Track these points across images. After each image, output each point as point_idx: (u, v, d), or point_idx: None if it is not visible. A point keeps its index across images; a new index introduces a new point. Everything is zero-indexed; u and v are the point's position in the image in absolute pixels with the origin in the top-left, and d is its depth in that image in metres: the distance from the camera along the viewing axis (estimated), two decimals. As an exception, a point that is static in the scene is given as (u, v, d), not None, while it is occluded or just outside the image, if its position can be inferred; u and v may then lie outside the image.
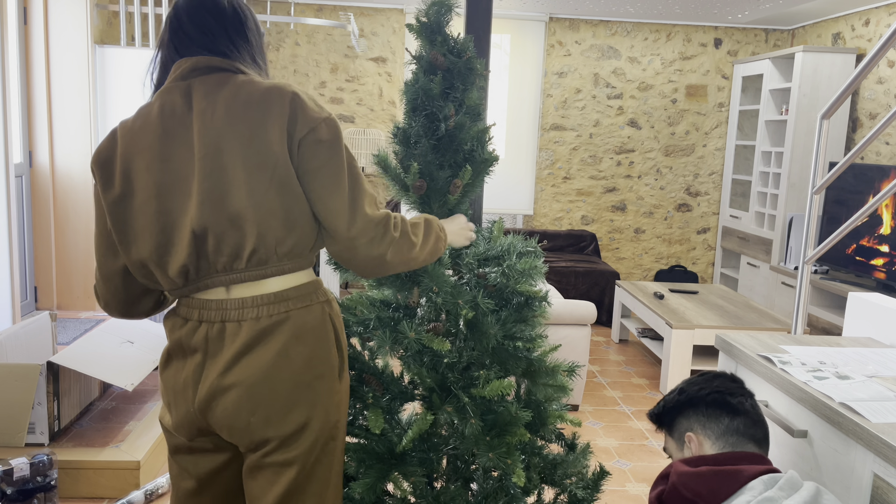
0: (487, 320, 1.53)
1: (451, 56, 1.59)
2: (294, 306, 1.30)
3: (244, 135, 1.24)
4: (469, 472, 1.65)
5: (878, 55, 2.04)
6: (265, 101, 1.26)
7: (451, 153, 1.61)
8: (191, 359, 1.30)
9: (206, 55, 1.32)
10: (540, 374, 1.63)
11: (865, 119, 4.93)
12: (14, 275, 3.79)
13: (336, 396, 1.34)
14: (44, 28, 4.50)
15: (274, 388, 1.27)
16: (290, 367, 1.28)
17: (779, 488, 1.28)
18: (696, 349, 4.14)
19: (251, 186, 1.23)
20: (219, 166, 1.24)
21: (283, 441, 1.29)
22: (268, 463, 1.30)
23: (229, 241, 1.25)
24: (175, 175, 1.26)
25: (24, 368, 2.48)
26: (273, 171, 1.24)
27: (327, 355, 1.33)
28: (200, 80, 1.30)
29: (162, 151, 1.27)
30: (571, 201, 6.19)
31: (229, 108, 1.26)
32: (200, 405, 1.29)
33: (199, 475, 1.39)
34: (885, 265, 4.22)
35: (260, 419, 1.27)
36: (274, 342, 1.27)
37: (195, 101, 1.28)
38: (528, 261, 1.57)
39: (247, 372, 1.26)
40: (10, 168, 3.74)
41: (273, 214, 1.24)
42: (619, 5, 5.32)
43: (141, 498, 2.47)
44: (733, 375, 1.55)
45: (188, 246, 1.26)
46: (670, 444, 1.55)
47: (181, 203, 1.26)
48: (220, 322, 1.28)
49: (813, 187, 2.30)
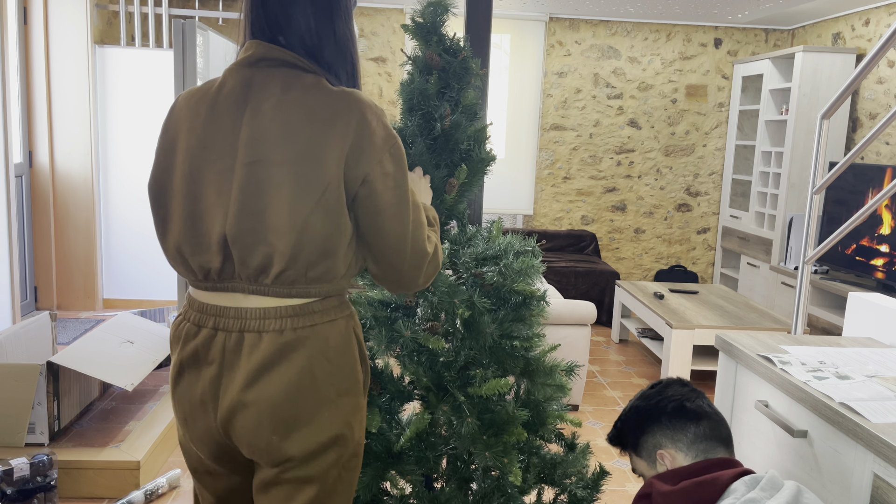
0: (484, 319, 1.53)
1: (446, 56, 1.59)
2: (319, 320, 1.22)
3: (299, 151, 1.15)
4: (468, 472, 1.65)
5: (878, 55, 2.04)
6: (329, 117, 1.16)
7: (448, 153, 1.61)
8: (206, 370, 1.22)
9: (278, 44, 1.22)
10: (538, 373, 1.63)
11: (865, 119, 4.93)
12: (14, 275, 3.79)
13: (360, 413, 1.28)
14: (44, 28, 4.50)
15: (297, 406, 1.20)
16: (315, 384, 1.20)
17: (760, 489, 1.29)
18: (696, 349, 4.14)
19: (295, 207, 1.15)
20: (265, 178, 1.15)
21: (305, 459, 1.22)
22: (286, 479, 1.23)
23: (258, 256, 1.17)
24: (212, 166, 1.18)
25: (24, 368, 2.48)
26: (322, 195, 1.15)
27: (352, 371, 1.26)
28: (265, 73, 1.20)
29: (204, 137, 1.19)
30: (571, 201, 6.18)
31: (288, 118, 1.16)
32: (222, 421, 1.22)
33: (217, 493, 1.35)
34: (885, 265, 4.22)
35: (282, 438, 1.20)
36: (298, 358, 1.19)
37: (253, 95, 1.19)
38: (525, 260, 1.57)
39: (269, 389, 1.18)
40: (10, 168, 3.74)
41: (311, 240, 1.16)
42: (619, 5, 5.32)
43: (141, 498, 2.47)
44: (680, 379, 1.56)
45: (216, 246, 1.19)
46: (639, 464, 1.53)
47: (214, 200, 1.18)
48: (238, 332, 1.20)
49: (813, 187, 2.30)
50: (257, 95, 1.18)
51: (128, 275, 4.93)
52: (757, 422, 1.72)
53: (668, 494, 1.36)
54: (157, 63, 4.74)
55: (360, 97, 1.20)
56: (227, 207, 1.17)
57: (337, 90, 1.20)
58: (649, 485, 1.43)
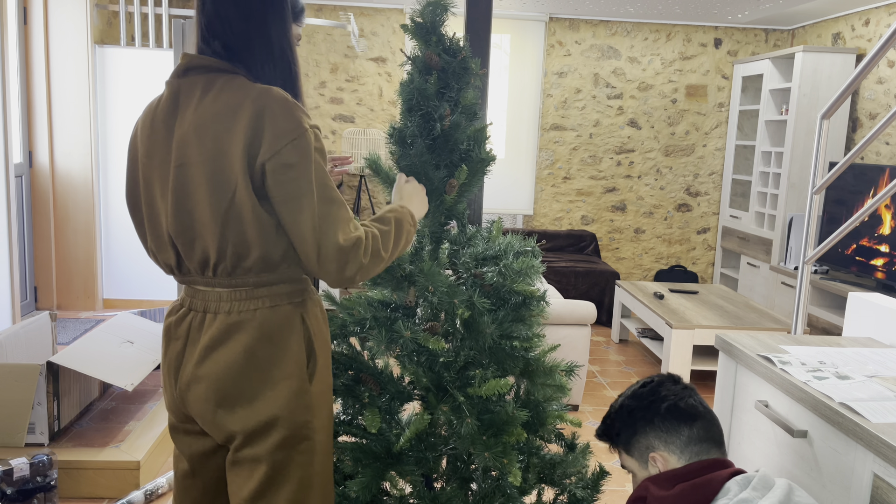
0: (484, 320, 1.53)
1: (445, 56, 1.59)
2: (262, 305, 1.30)
3: (210, 150, 1.23)
4: (468, 472, 1.65)
5: (878, 55, 2.04)
6: (233, 113, 1.22)
7: (447, 153, 1.61)
8: (174, 345, 1.35)
9: (206, 52, 1.29)
10: (538, 373, 1.63)
11: (865, 119, 4.93)
12: (14, 275, 3.79)
13: (305, 398, 1.33)
14: (44, 28, 4.50)
15: (239, 383, 1.29)
16: (256, 364, 1.29)
17: (752, 488, 1.28)
18: (696, 349, 4.14)
19: (213, 207, 1.24)
20: (188, 180, 1.25)
21: (249, 437, 1.31)
22: (240, 458, 1.33)
23: (197, 251, 1.28)
24: (156, 173, 1.30)
25: (24, 368, 2.48)
26: (233, 195, 1.23)
27: (296, 356, 1.32)
28: (191, 81, 1.28)
29: (149, 147, 1.30)
30: (571, 201, 6.18)
31: (201, 119, 1.24)
32: (180, 392, 1.34)
33: (191, 457, 1.43)
34: (885, 265, 4.22)
35: (226, 412, 1.30)
36: (241, 338, 1.29)
37: (181, 103, 1.28)
38: (524, 260, 1.57)
39: (216, 366, 1.29)
40: (10, 168, 3.74)
41: (234, 234, 1.25)
42: (619, 5, 5.32)
43: (141, 498, 2.47)
44: (672, 375, 1.50)
45: (168, 244, 1.32)
46: (630, 463, 1.50)
47: (161, 203, 1.30)
48: (202, 312, 1.32)
49: (813, 187, 2.30)
50: (184, 103, 1.28)
51: (128, 275, 4.93)
52: (757, 422, 1.72)
53: (664, 499, 1.34)
54: (157, 63, 4.74)
55: (266, 90, 1.23)
56: (167, 208, 1.29)
57: (249, 86, 1.24)
58: (644, 488, 1.40)
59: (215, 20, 1.28)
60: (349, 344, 1.68)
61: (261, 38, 1.29)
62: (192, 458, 1.43)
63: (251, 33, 1.28)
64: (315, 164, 1.24)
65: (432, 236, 1.66)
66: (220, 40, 1.28)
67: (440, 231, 1.66)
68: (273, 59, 1.30)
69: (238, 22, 1.27)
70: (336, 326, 1.65)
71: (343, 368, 1.64)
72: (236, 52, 1.28)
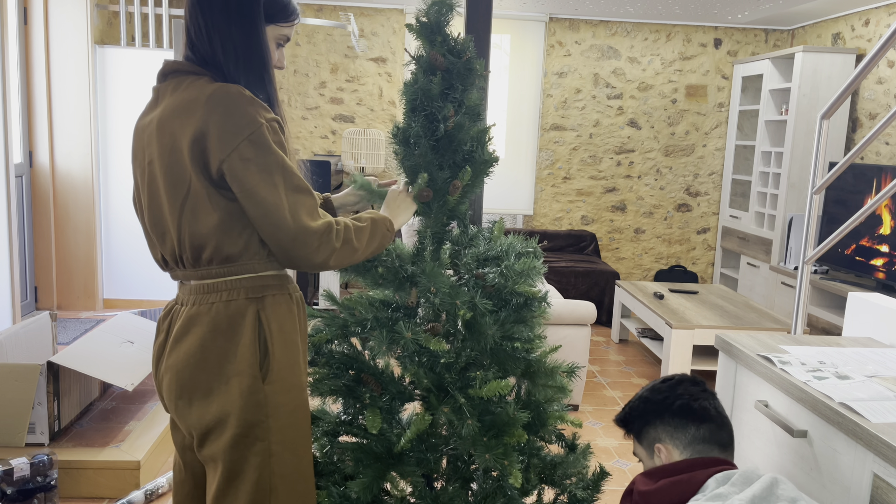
0: (485, 321, 1.53)
1: (450, 56, 1.59)
2: (217, 299, 1.32)
3: (166, 147, 1.28)
4: (469, 473, 1.65)
5: (878, 55, 2.04)
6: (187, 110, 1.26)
7: (451, 154, 1.61)
8: (158, 338, 1.40)
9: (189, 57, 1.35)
10: (539, 375, 1.63)
11: (865, 119, 4.93)
12: (14, 275, 3.79)
13: (256, 396, 1.31)
14: (44, 28, 4.50)
15: (195, 376, 1.32)
16: (209, 359, 1.31)
17: (731, 484, 1.30)
18: (696, 349, 4.14)
19: (170, 201, 1.29)
20: (154, 176, 1.31)
21: (204, 434, 1.33)
22: (203, 457, 1.36)
23: (168, 244, 1.34)
24: (138, 171, 1.37)
25: (24, 368, 2.48)
26: (187, 191, 1.27)
27: (246, 353, 1.31)
28: (166, 85, 1.34)
29: (135, 149, 1.38)
30: (571, 201, 6.19)
31: (161, 117, 1.30)
32: (158, 384, 1.40)
33: (182, 450, 1.46)
34: (885, 265, 4.22)
35: (185, 405, 1.34)
36: (196, 332, 1.32)
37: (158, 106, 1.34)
38: (526, 261, 1.57)
39: (178, 358, 1.33)
40: (10, 168, 3.74)
41: (191, 227, 1.29)
42: (619, 5, 5.32)
43: (141, 498, 2.47)
44: (695, 378, 1.56)
45: (152, 239, 1.38)
46: (640, 451, 1.57)
47: (144, 199, 1.37)
48: (180, 305, 1.37)
49: (813, 187, 2.30)
50: (159, 105, 1.33)
51: (128, 275, 4.93)
52: (757, 422, 1.72)
53: (645, 493, 1.41)
54: (158, 63, 4.73)
55: (220, 88, 1.25)
56: (145, 205, 1.36)
57: (207, 85, 1.27)
58: (633, 481, 1.48)
59: (190, 27, 1.33)
60: (350, 344, 1.68)
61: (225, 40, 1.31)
62: (182, 451, 1.46)
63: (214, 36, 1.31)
64: (275, 155, 1.26)
65: (434, 237, 1.66)
66: (193, 45, 1.33)
67: (442, 231, 1.66)
68: (238, 60, 1.32)
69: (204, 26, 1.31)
70: (337, 326, 1.64)
71: (344, 368, 1.64)
72: (205, 55, 1.33)
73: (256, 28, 1.33)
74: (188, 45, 1.35)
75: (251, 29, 1.33)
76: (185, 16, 1.34)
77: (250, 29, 1.33)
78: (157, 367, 1.41)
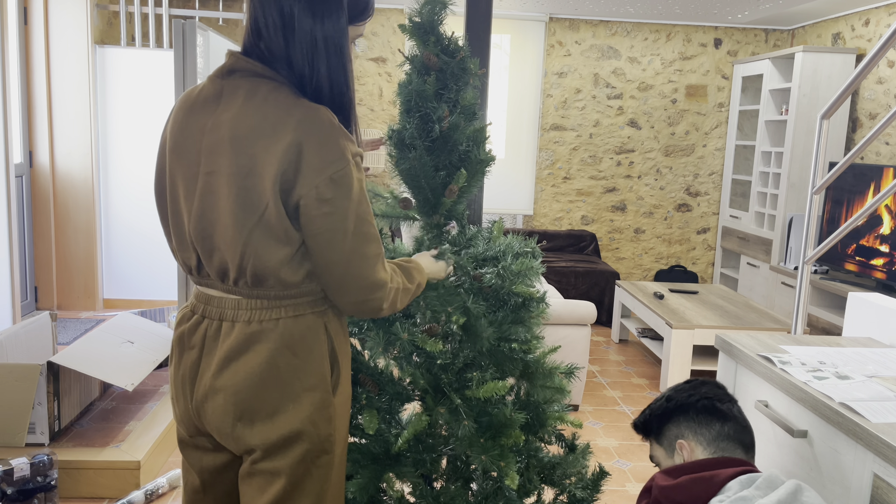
0: (481, 323, 1.52)
1: (444, 56, 1.58)
2: (285, 314, 1.25)
3: (243, 165, 1.17)
4: (468, 473, 1.65)
5: (878, 55, 2.04)
6: (272, 133, 1.16)
7: (446, 154, 1.61)
8: (188, 354, 1.29)
9: (253, 53, 1.22)
10: (538, 375, 1.62)
11: (865, 119, 4.93)
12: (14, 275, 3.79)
13: (328, 410, 1.29)
14: (44, 28, 4.50)
15: (260, 396, 1.24)
16: (279, 376, 1.24)
17: (755, 487, 1.28)
18: (696, 349, 4.14)
19: (238, 222, 1.18)
20: (215, 190, 1.20)
21: (268, 451, 1.26)
22: (257, 470, 1.28)
23: (215, 261, 1.24)
24: (182, 171, 1.24)
25: (24, 368, 2.48)
26: (263, 212, 1.17)
27: (319, 367, 1.27)
28: (234, 84, 1.21)
29: (179, 142, 1.24)
30: (571, 201, 6.18)
31: (239, 132, 1.18)
32: (196, 404, 1.28)
33: (202, 471, 1.38)
34: (885, 265, 4.22)
35: (245, 426, 1.25)
36: (262, 349, 1.23)
37: (220, 106, 1.21)
38: (524, 261, 1.56)
39: (235, 377, 1.23)
40: (11, 168, 3.74)
41: (256, 254, 1.20)
42: (619, 5, 5.32)
43: (141, 498, 2.47)
44: (717, 382, 1.56)
45: (190, 245, 1.27)
46: (658, 452, 1.54)
47: (185, 203, 1.24)
48: (218, 320, 1.26)
49: (813, 187, 2.30)
50: (223, 106, 1.21)
51: (128, 275, 4.93)
52: (757, 422, 1.72)
53: (665, 489, 1.38)
54: (157, 63, 4.74)
55: (310, 116, 1.16)
56: (191, 212, 1.24)
57: (292, 103, 1.18)
58: (653, 478, 1.44)
59: (259, 17, 1.20)
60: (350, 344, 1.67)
61: (305, 42, 1.19)
62: (202, 472, 1.38)
63: (295, 36, 1.19)
64: (354, 197, 1.19)
65: (433, 241, 1.65)
66: (265, 42, 1.20)
67: (440, 233, 1.66)
68: (318, 65, 1.20)
69: (281, 22, 1.18)
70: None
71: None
72: (279, 56, 1.20)
73: (341, 28, 1.22)
74: (253, 36, 1.22)
75: (337, 28, 1.21)
76: (255, 9, 1.20)
77: (336, 28, 1.21)
78: (190, 387, 1.29)
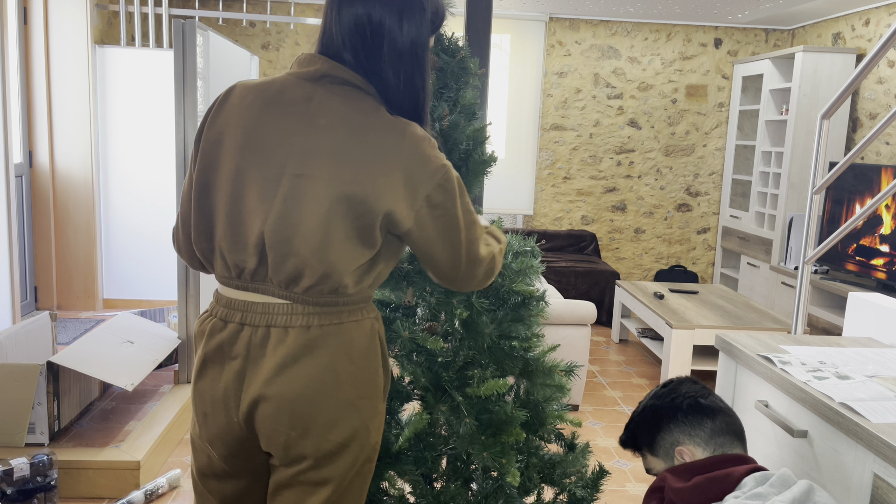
0: (482, 320, 1.53)
1: (444, 56, 1.59)
2: (346, 319, 1.22)
3: (346, 175, 1.16)
4: (469, 472, 1.65)
5: (878, 55, 2.04)
6: (382, 149, 1.17)
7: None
8: (229, 365, 1.22)
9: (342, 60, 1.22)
10: (537, 373, 1.63)
11: (865, 119, 4.93)
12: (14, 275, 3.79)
13: (378, 417, 1.28)
14: (44, 28, 4.50)
15: (317, 404, 1.20)
16: (337, 384, 1.20)
17: (769, 485, 1.28)
18: (696, 349, 4.14)
19: (330, 229, 1.16)
20: (308, 192, 1.16)
21: (320, 460, 1.22)
22: (301, 481, 1.23)
23: (289, 266, 1.18)
24: (259, 170, 1.18)
25: (24, 368, 2.48)
26: (359, 222, 1.16)
27: (374, 375, 1.25)
28: (327, 90, 1.20)
29: (256, 139, 1.19)
30: (571, 201, 6.18)
31: (342, 140, 1.17)
32: (244, 414, 1.22)
33: (223, 500, 1.33)
34: (885, 265, 4.22)
35: (299, 434, 1.20)
36: (322, 355, 1.20)
37: (312, 110, 1.19)
38: (523, 260, 1.57)
39: (291, 384, 1.18)
40: (10, 168, 3.74)
41: (342, 263, 1.17)
42: (619, 5, 5.32)
43: (141, 498, 2.47)
44: (690, 377, 1.56)
45: (252, 248, 1.19)
46: (655, 463, 1.53)
47: (255, 203, 1.18)
48: (264, 326, 1.20)
49: (813, 187, 2.30)
50: (316, 110, 1.19)
51: (128, 275, 4.93)
52: (757, 422, 1.72)
53: (680, 491, 1.36)
54: (157, 63, 4.74)
55: (415, 132, 1.20)
56: (267, 213, 1.17)
57: (394, 120, 1.20)
58: (662, 478, 1.42)
59: (347, 27, 1.20)
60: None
61: (394, 52, 1.20)
62: (223, 500, 1.33)
63: (384, 46, 1.20)
64: (458, 192, 1.23)
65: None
66: (351, 51, 1.21)
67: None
68: (406, 76, 1.22)
69: (370, 31, 1.19)
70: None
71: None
72: (366, 65, 1.21)
73: (425, 38, 1.24)
74: (336, 41, 1.22)
75: (421, 39, 1.23)
76: (344, 18, 1.20)
77: (421, 39, 1.23)
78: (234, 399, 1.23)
